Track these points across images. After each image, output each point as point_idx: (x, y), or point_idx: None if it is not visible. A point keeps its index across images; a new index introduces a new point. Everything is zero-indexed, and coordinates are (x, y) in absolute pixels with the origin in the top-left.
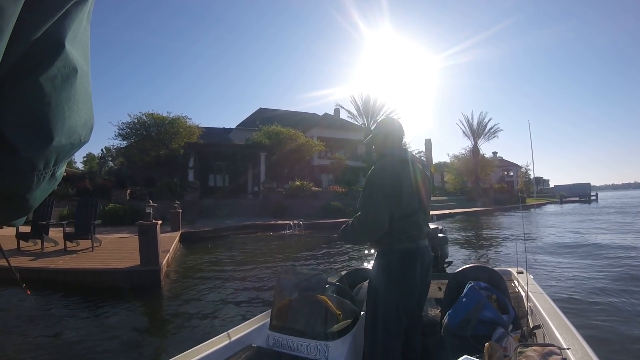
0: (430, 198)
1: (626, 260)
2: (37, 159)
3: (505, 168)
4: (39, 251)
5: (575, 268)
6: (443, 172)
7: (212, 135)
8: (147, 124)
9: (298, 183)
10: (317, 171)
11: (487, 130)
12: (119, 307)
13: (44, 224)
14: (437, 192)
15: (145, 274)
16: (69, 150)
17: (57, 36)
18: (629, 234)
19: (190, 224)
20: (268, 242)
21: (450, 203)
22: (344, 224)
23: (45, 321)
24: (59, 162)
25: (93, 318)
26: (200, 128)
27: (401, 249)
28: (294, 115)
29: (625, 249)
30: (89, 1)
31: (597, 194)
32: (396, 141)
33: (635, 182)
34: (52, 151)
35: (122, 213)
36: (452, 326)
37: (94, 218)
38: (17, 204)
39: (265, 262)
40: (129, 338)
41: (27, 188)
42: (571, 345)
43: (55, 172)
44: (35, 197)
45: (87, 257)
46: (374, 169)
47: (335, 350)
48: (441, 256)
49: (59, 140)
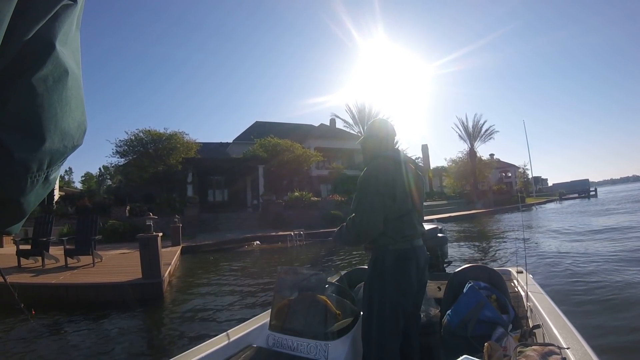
0: (424, 198)
1: (626, 259)
2: (31, 161)
3: (503, 169)
4: (40, 268)
5: (576, 268)
6: (441, 176)
7: (209, 150)
8: (145, 141)
9: (297, 194)
10: (315, 181)
11: (483, 132)
12: (122, 320)
13: (45, 241)
14: (437, 197)
15: (147, 287)
16: (62, 152)
17: (48, 37)
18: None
19: (191, 239)
20: (270, 253)
21: (450, 207)
22: (338, 227)
23: (48, 339)
24: (52, 165)
25: (96, 332)
26: (198, 143)
27: (396, 249)
28: (290, 126)
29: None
30: (78, 5)
31: (597, 189)
32: (389, 142)
33: (633, 176)
34: (46, 153)
35: (122, 229)
36: (452, 326)
37: (95, 234)
38: (11, 209)
39: (268, 273)
40: (133, 351)
41: (21, 192)
42: (571, 344)
43: (48, 176)
44: (29, 201)
45: (88, 272)
46: (367, 170)
47: (335, 350)
48: (441, 256)
49: (51, 142)
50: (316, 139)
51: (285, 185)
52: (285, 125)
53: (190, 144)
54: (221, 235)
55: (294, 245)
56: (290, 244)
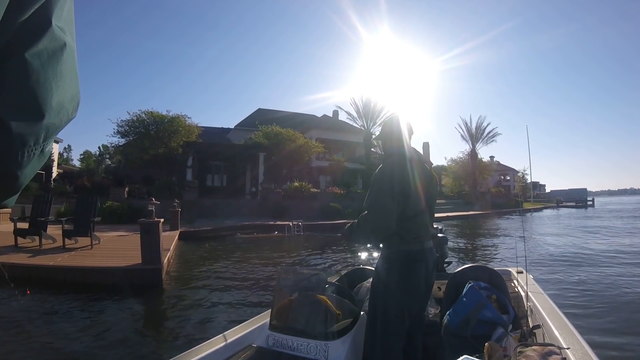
0: (436, 199)
1: (625, 260)
2: (28, 135)
3: (502, 172)
4: (37, 248)
5: (576, 267)
6: (441, 175)
7: (210, 134)
8: (146, 122)
9: (297, 184)
10: (315, 172)
11: (486, 135)
12: (120, 305)
13: (43, 221)
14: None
15: (146, 273)
16: (57, 126)
17: (45, 14)
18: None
19: (189, 224)
20: (268, 243)
21: (448, 206)
22: (348, 224)
23: (43, 320)
24: (47, 139)
25: (93, 317)
26: (200, 127)
27: (407, 250)
28: (292, 116)
29: (622, 250)
30: None
31: (594, 199)
32: (405, 140)
33: (631, 188)
34: (42, 128)
35: (121, 211)
36: (452, 326)
37: (94, 215)
38: (7, 182)
39: (266, 263)
40: (129, 337)
41: (18, 165)
42: (571, 345)
43: (44, 149)
44: (25, 174)
45: (86, 255)
46: (382, 167)
47: (335, 350)
48: (441, 256)
49: (48, 116)
50: (318, 130)
51: (285, 174)
52: (287, 114)
53: (192, 127)
54: (219, 221)
55: (292, 235)
56: (288, 234)
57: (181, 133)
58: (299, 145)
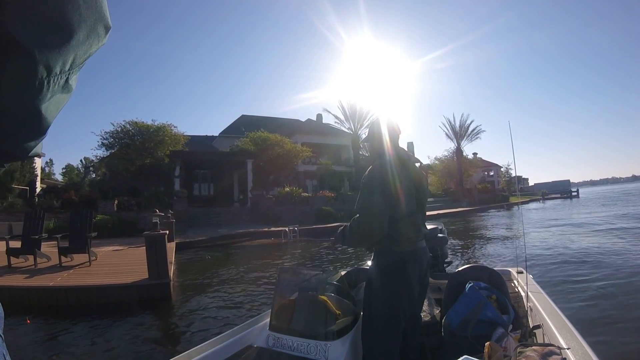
0: (427, 199)
1: (624, 257)
2: (54, 59)
3: (486, 168)
4: (32, 268)
5: (576, 267)
6: (427, 174)
7: (195, 143)
8: (131, 133)
9: (287, 189)
10: (302, 177)
11: (470, 132)
12: (130, 323)
13: (37, 239)
14: None
15: (155, 288)
16: (86, 50)
17: None
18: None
19: (182, 234)
20: (267, 249)
21: (436, 204)
22: (340, 227)
23: (47, 346)
24: (74, 66)
25: (104, 341)
26: (186, 136)
27: (399, 251)
28: (276, 121)
29: (621, 247)
30: None
31: (578, 190)
32: (393, 141)
33: (612, 177)
34: (70, 49)
35: (111, 225)
36: (452, 326)
37: (90, 230)
38: (31, 120)
39: (268, 269)
40: (152, 355)
41: (42, 98)
42: (571, 345)
43: (69, 79)
44: (50, 110)
45: (86, 272)
46: (372, 169)
47: (334, 350)
48: (441, 256)
49: (77, 36)
50: (303, 134)
51: (272, 180)
52: (271, 119)
53: (178, 136)
54: (212, 230)
55: (289, 241)
56: (285, 240)
57: (167, 142)
58: (287, 150)
